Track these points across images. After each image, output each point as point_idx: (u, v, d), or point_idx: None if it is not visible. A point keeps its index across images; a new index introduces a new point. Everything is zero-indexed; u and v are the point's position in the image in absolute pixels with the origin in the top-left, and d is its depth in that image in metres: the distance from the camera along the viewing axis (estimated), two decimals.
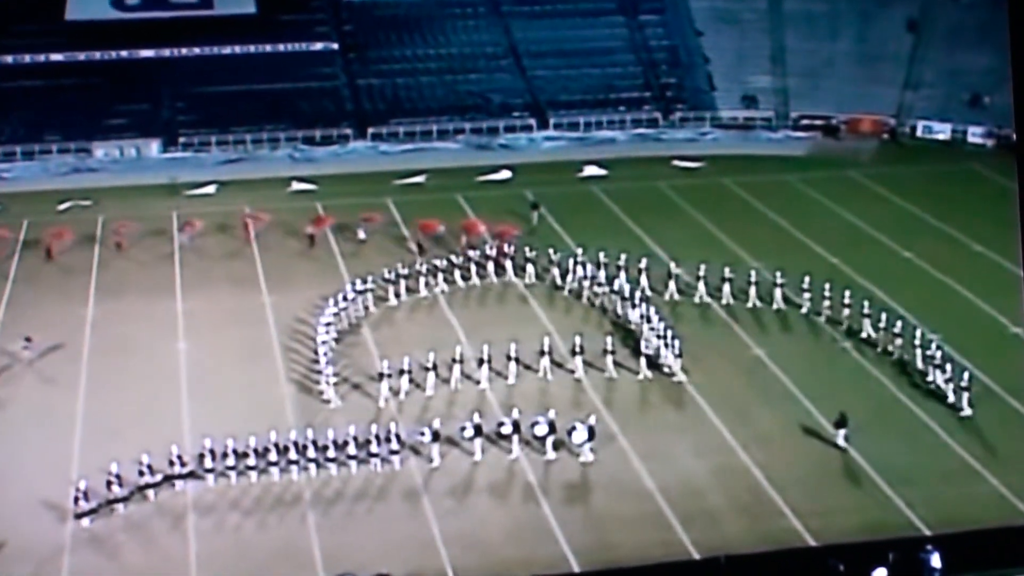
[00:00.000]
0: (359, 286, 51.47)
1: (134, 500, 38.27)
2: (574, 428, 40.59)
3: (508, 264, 55.64)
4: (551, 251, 55.61)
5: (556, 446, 40.72)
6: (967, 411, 42.95)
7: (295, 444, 39.72)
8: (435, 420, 41.24)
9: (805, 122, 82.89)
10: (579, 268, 53.65)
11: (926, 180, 71.73)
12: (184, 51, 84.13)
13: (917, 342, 46.05)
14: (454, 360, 45.18)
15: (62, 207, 65.95)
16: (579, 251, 54.81)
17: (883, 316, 47.94)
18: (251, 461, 39.31)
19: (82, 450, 41.19)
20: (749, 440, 41.66)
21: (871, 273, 55.44)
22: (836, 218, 64.53)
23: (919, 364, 45.72)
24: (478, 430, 40.75)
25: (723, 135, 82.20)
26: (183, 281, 56.21)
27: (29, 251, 59.91)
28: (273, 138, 79.60)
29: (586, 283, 53.14)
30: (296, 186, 70.04)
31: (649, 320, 47.96)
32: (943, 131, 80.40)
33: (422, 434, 40.55)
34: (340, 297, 50.37)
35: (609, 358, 46.19)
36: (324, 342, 46.58)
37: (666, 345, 46.44)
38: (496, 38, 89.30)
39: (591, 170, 72.37)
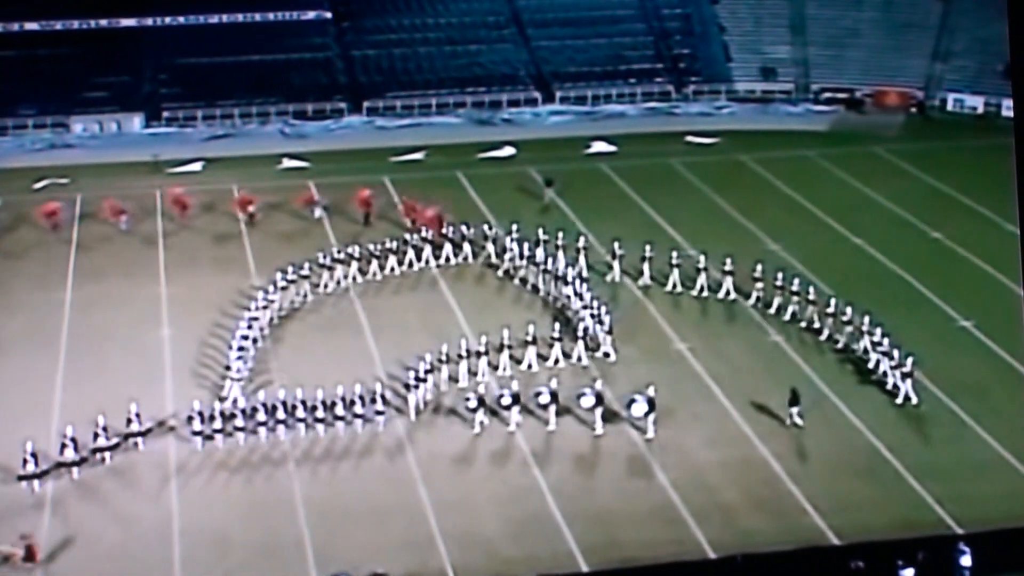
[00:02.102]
0: (290, 275, 50.75)
1: (117, 458, 39.73)
2: (633, 400, 41.21)
3: (448, 246, 55.45)
4: (486, 227, 55.87)
5: (607, 418, 41.58)
6: (913, 399, 42.81)
7: (283, 404, 41.28)
8: (480, 386, 42.50)
9: (827, 95, 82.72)
10: (515, 245, 54.05)
11: (957, 156, 71.46)
12: (168, 20, 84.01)
13: (865, 328, 45.79)
14: (440, 360, 44.59)
15: (38, 185, 65.81)
16: (514, 227, 55.01)
17: (832, 302, 47.76)
18: (239, 422, 41.00)
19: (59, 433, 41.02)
20: (767, 431, 41.52)
21: (897, 255, 55.36)
22: (860, 197, 64.28)
23: (869, 352, 45.44)
24: (516, 399, 41.75)
25: (740, 109, 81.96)
26: (167, 264, 56.04)
27: (3, 231, 59.80)
28: (262, 112, 79.42)
29: (522, 262, 53.42)
30: (287, 163, 69.93)
31: (582, 298, 48.44)
32: (975, 104, 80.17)
33: (467, 399, 41.66)
34: (270, 288, 49.76)
35: (557, 345, 46.21)
36: (244, 336, 46.02)
37: (599, 323, 46.79)
38: (498, 6, 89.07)
39: (599, 146, 72.26)
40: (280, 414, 41.17)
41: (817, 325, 48.00)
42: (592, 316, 47.37)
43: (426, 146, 72.45)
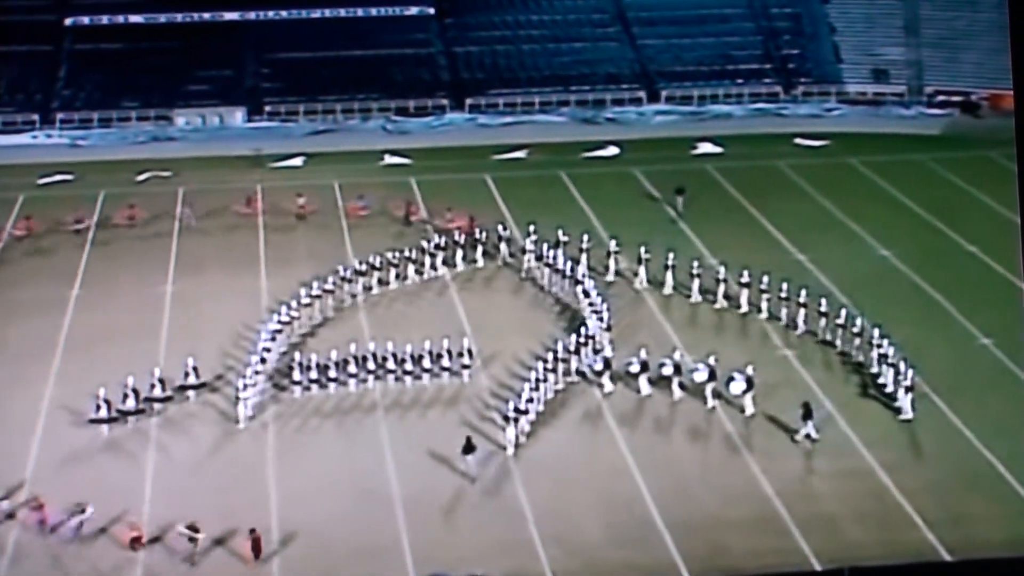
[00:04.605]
0: (314, 290, 50.22)
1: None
2: (732, 379, 42.27)
3: (461, 249, 55.34)
4: (500, 227, 55.93)
5: (716, 395, 42.83)
6: (908, 414, 42.14)
7: (373, 355, 44.45)
8: (607, 349, 45.18)
9: (941, 98, 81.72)
10: (533, 247, 54.14)
11: None
12: (270, 14, 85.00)
13: (875, 341, 45.00)
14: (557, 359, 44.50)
15: (140, 178, 66.85)
16: (531, 228, 54.81)
17: (842, 312, 47.20)
18: (332, 373, 44.20)
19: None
20: (875, 440, 40.96)
21: (1012, 264, 54.31)
22: (974, 203, 63.29)
23: (874, 366, 44.79)
24: (644, 366, 43.75)
25: (850, 111, 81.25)
26: (267, 258, 56.53)
27: (106, 224, 60.58)
28: (364, 108, 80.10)
29: (538, 263, 53.46)
30: (389, 160, 70.37)
31: (588, 296, 48.77)
32: None
33: (593, 363, 43.80)
34: (293, 302, 49.09)
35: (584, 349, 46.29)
36: (266, 348, 45.76)
37: (600, 319, 47.06)
38: (604, 4, 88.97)
39: (705, 147, 71.98)
40: (371, 364, 44.20)
41: (829, 337, 47.49)
42: (595, 313, 47.64)
43: (529, 144, 72.56)
